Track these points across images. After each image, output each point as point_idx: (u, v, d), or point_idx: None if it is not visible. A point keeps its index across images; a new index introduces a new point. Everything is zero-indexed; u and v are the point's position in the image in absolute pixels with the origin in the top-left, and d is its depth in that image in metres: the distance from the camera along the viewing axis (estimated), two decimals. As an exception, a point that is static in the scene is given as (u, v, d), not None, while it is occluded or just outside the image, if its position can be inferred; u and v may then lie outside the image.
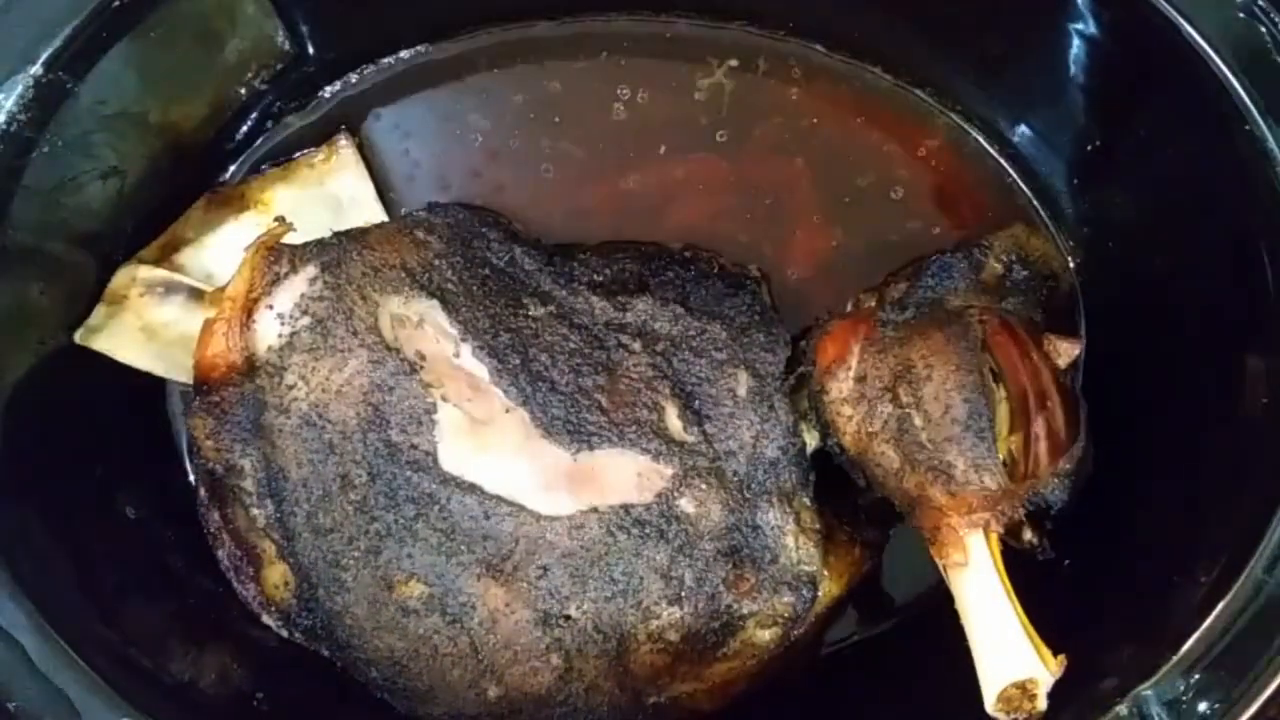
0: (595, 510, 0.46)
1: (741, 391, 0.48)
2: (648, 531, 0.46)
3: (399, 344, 0.47)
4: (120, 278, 0.51)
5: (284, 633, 0.48)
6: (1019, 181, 0.57)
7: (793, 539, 0.48)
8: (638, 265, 0.52)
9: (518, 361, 0.47)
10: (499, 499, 0.45)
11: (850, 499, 0.52)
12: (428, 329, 0.48)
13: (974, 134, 0.57)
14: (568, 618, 0.46)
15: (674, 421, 0.48)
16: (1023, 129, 0.56)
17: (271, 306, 0.47)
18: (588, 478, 0.46)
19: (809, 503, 0.48)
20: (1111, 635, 0.45)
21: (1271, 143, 0.44)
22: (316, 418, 0.46)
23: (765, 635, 0.48)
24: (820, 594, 0.48)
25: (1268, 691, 0.40)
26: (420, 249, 0.49)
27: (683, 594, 0.46)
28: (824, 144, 0.57)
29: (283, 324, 0.47)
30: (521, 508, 0.45)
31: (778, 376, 0.49)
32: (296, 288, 0.47)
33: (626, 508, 0.46)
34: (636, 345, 0.49)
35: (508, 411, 0.47)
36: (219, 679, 0.47)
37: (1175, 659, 0.41)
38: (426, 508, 0.45)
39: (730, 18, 0.57)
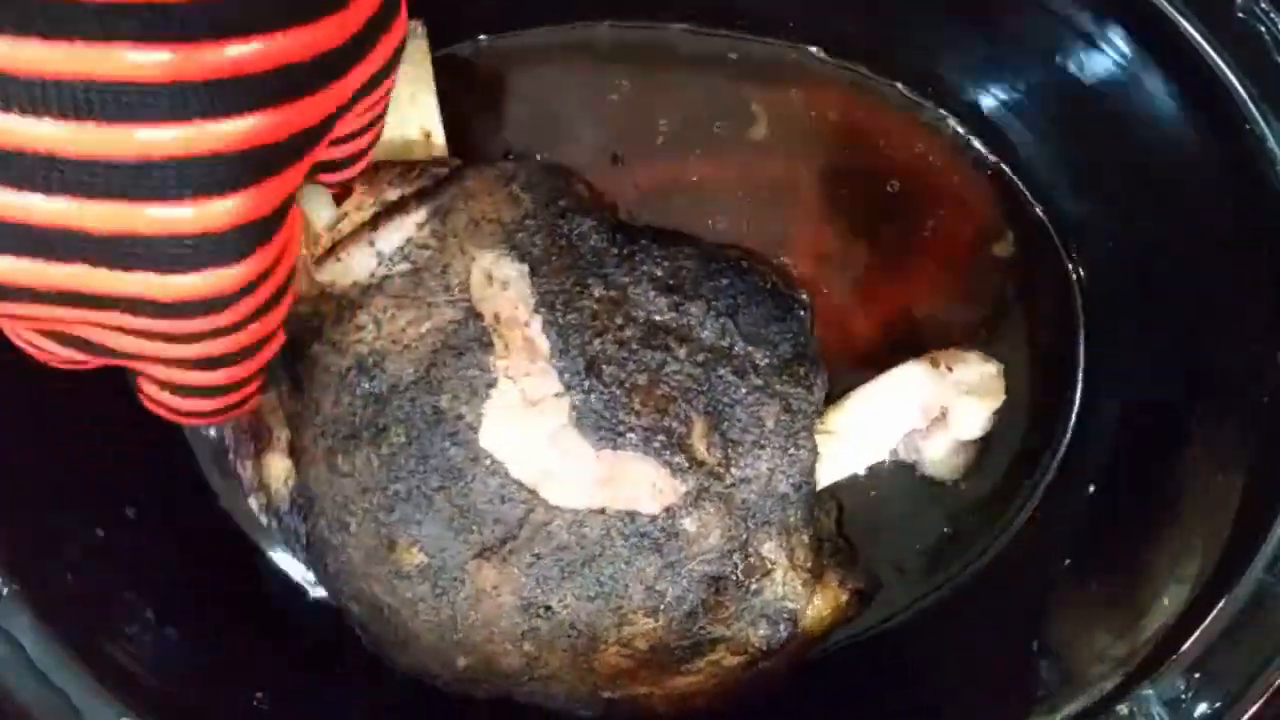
0: (603, 511, 0.45)
1: (770, 423, 0.47)
2: (645, 542, 0.45)
3: (480, 304, 0.45)
4: None
5: (263, 519, 0.47)
6: (1016, 181, 0.57)
7: (781, 573, 0.47)
8: (694, 264, 0.50)
9: (579, 343, 0.46)
10: (519, 484, 0.45)
11: (850, 544, 0.52)
12: (510, 293, 0.45)
13: (973, 133, 0.57)
14: (548, 608, 0.45)
15: (700, 439, 0.46)
16: (1020, 128, 0.56)
17: (373, 243, 0.44)
18: (604, 478, 0.46)
19: (807, 541, 0.48)
20: (1111, 635, 0.45)
21: (1272, 143, 0.44)
22: (372, 365, 0.44)
23: (733, 661, 0.48)
24: (796, 632, 0.48)
25: (1269, 691, 0.40)
26: (515, 206, 0.47)
27: (661, 607, 0.46)
28: (823, 142, 0.57)
29: (379, 263, 0.44)
30: (535, 494, 0.45)
31: (809, 415, 0.48)
32: (405, 230, 0.45)
33: (632, 515, 0.45)
34: (682, 352, 0.47)
35: (557, 395, 0.45)
36: (219, 678, 0.47)
37: (1175, 658, 0.41)
38: (451, 481, 0.44)
39: (729, 20, 0.57)
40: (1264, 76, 0.44)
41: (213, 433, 0.49)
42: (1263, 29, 0.44)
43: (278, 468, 0.46)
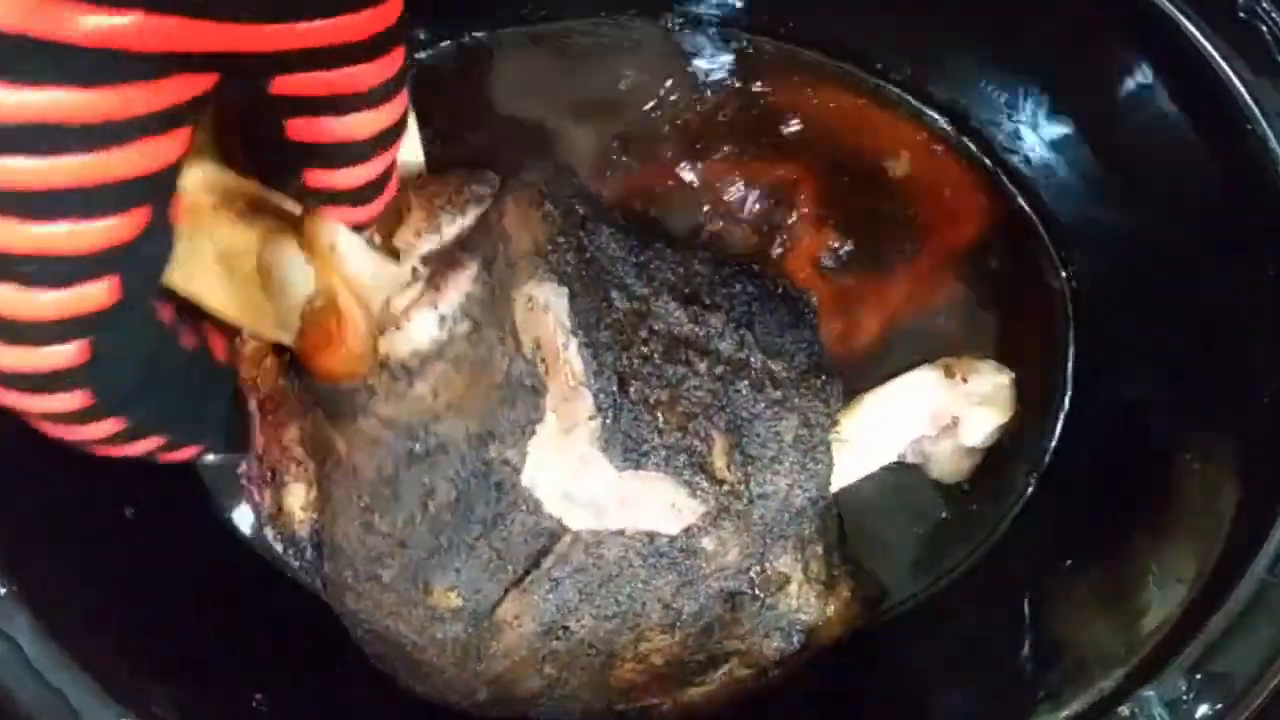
0: (622, 533, 0.44)
1: (789, 438, 0.46)
2: (663, 562, 0.44)
3: (522, 331, 0.42)
4: (187, 180, 0.36)
5: (278, 547, 0.45)
6: (1009, 184, 0.57)
7: (796, 586, 0.47)
8: (708, 269, 0.48)
9: (611, 361, 0.43)
10: (549, 516, 0.43)
11: (858, 550, 0.52)
12: (550, 317, 0.43)
13: (968, 135, 0.57)
14: (566, 629, 0.44)
15: (720, 457, 0.45)
16: (1016, 128, 0.56)
17: (436, 305, 0.39)
18: (624, 499, 0.44)
19: (820, 552, 0.48)
20: (1112, 635, 0.45)
21: (1273, 143, 0.44)
22: (423, 432, 0.40)
23: (744, 672, 0.47)
24: (809, 643, 0.48)
25: (1270, 692, 0.40)
26: (548, 225, 0.44)
27: (677, 624, 0.45)
28: (821, 144, 0.57)
29: (441, 329, 0.39)
30: (560, 522, 0.43)
31: (826, 428, 0.47)
32: (462, 286, 0.39)
33: (651, 536, 0.44)
34: (702, 366, 0.46)
35: (590, 419, 0.43)
36: (219, 679, 0.47)
37: (1177, 659, 0.41)
38: (492, 528, 0.42)
39: (728, 20, 0.57)
40: (1264, 76, 0.44)
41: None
42: (1263, 29, 0.44)
43: (300, 497, 0.44)
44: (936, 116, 0.57)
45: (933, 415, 0.50)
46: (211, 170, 0.38)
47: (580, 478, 0.43)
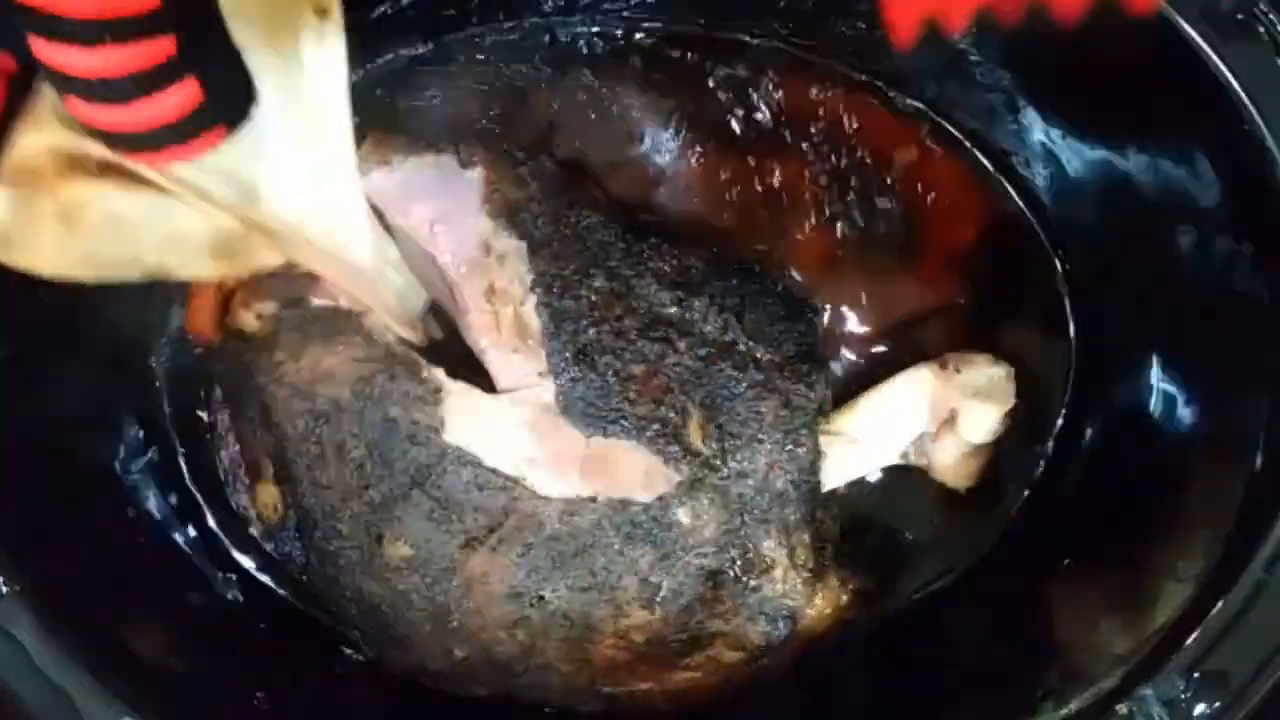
0: (594, 500, 0.46)
1: (769, 418, 0.48)
2: (638, 532, 0.46)
3: (476, 273, 0.47)
4: (27, 145, 0.35)
5: (266, 547, 0.49)
6: (1005, 184, 0.57)
7: (781, 571, 0.48)
8: (704, 265, 0.50)
9: (571, 329, 0.46)
10: (495, 472, 0.45)
11: (856, 545, 0.53)
12: (507, 269, 0.47)
13: (969, 138, 0.57)
14: (541, 598, 0.46)
15: (695, 430, 0.47)
16: (1017, 130, 0.56)
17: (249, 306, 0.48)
18: (596, 466, 0.46)
19: (808, 540, 0.48)
20: (1111, 634, 0.45)
21: (1272, 142, 0.44)
22: (309, 391, 0.46)
23: (731, 656, 0.48)
24: (796, 630, 0.48)
25: (1268, 691, 0.40)
26: (521, 187, 0.49)
27: (656, 600, 0.46)
28: (824, 145, 0.57)
29: (257, 318, 0.48)
30: (518, 483, 0.45)
31: (810, 413, 0.48)
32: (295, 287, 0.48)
33: (625, 503, 0.46)
34: (682, 345, 0.47)
35: (540, 375, 0.46)
36: (219, 679, 0.47)
37: (1175, 658, 0.41)
38: (422, 478, 0.45)
39: (733, 23, 0.57)
40: (1264, 76, 0.44)
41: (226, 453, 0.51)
42: (1262, 30, 0.44)
43: (268, 495, 0.48)
44: (937, 118, 0.57)
45: (930, 408, 0.50)
46: (57, 133, 0.36)
47: (537, 440, 0.45)
